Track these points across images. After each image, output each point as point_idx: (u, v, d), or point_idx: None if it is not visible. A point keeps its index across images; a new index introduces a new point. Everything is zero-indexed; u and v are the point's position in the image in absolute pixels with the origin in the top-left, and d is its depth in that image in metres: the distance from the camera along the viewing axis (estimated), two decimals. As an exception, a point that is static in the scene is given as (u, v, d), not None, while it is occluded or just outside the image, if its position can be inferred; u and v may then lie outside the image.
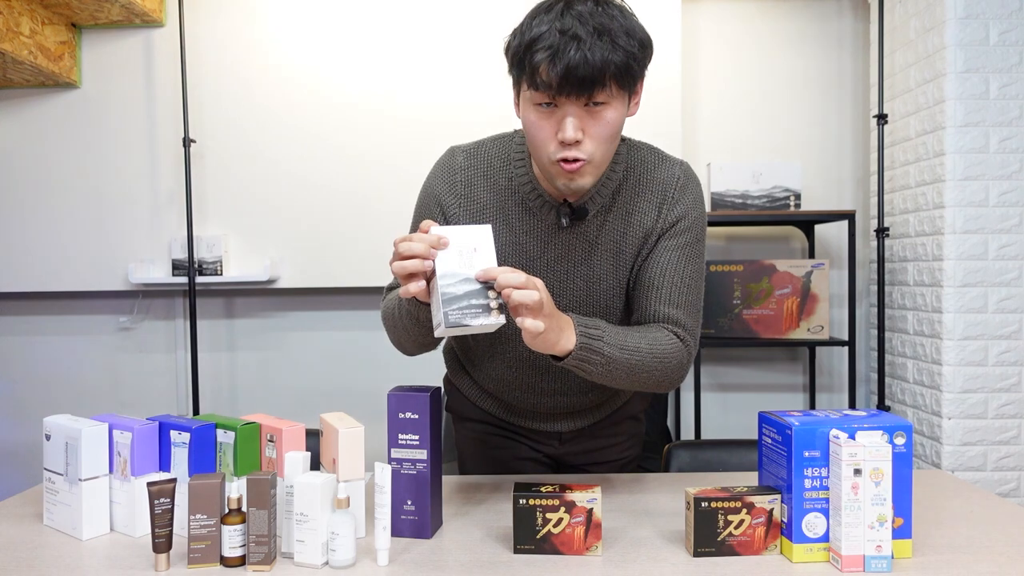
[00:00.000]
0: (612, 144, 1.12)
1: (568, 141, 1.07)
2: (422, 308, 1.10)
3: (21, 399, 2.88)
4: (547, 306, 1.01)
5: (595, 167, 1.12)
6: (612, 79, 1.04)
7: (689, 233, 1.23)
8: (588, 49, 1.02)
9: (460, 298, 0.99)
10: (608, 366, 1.11)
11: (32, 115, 2.74)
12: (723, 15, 2.85)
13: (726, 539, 1.02)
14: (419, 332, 1.17)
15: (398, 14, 2.68)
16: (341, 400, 2.85)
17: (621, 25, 1.05)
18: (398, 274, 1.01)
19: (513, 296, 0.98)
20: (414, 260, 1.00)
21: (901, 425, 1.00)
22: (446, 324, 0.97)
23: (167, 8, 2.70)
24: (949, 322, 2.39)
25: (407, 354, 1.28)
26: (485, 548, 1.07)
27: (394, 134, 2.69)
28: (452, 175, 1.26)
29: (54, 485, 1.17)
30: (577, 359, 1.08)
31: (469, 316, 0.98)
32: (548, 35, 1.04)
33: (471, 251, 1.01)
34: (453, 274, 1.00)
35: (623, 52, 1.04)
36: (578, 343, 1.07)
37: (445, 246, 1.01)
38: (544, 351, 1.06)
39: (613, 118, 1.09)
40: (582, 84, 1.03)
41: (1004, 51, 2.37)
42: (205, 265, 2.68)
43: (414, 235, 1.01)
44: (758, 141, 2.86)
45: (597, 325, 1.11)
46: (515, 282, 0.98)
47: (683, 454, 1.58)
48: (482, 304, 0.99)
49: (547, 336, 1.03)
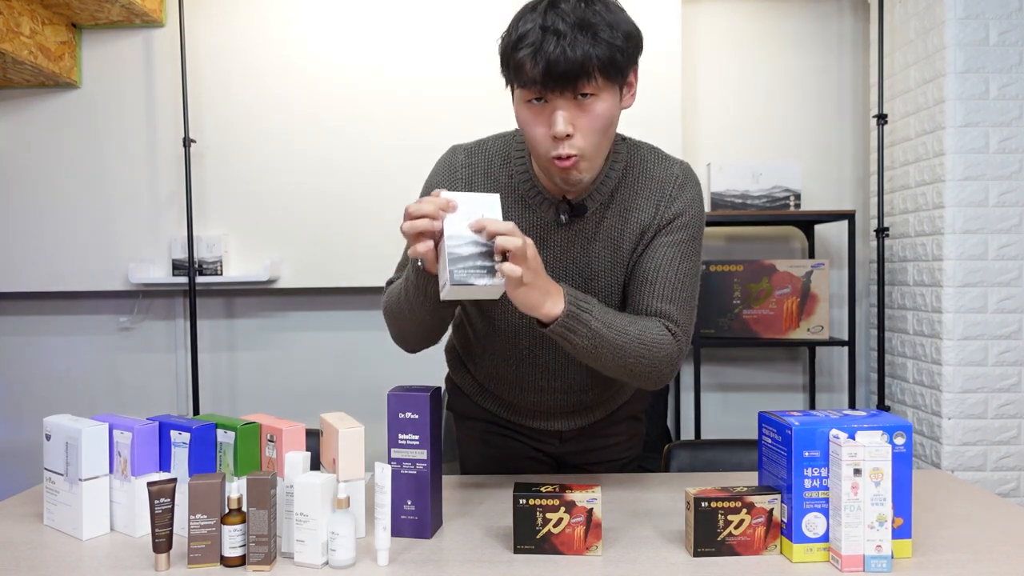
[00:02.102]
0: (605, 136, 1.13)
1: (559, 135, 1.08)
2: (431, 280, 1.11)
3: (21, 399, 2.88)
4: (532, 260, 1.03)
5: (589, 161, 1.13)
6: (598, 72, 1.06)
7: (686, 231, 1.23)
8: (568, 44, 1.03)
9: (465, 259, 1.01)
10: (593, 340, 1.11)
11: (32, 115, 2.74)
12: (723, 15, 2.85)
13: (726, 539, 1.02)
14: (425, 310, 1.16)
15: (398, 13, 2.68)
16: (341, 400, 2.85)
17: (604, 19, 1.06)
18: (407, 233, 1.03)
19: (498, 240, 1.00)
20: (423, 220, 1.02)
21: (901, 425, 1.00)
22: (451, 282, 0.99)
23: (167, 8, 2.70)
24: (949, 322, 2.39)
25: (409, 349, 1.28)
26: (485, 548, 1.07)
27: (394, 134, 2.69)
28: (453, 173, 1.27)
29: (54, 485, 1.17)
30: (563, 327, 1.08)
31: (474, 276, 1.00)
32: (531, 33, 1.06)
33: (479, 217, 1.04)
34: (460, 236, 1.02)
35: (606, 45, 1.05)
36: (565, 310, 1.08)
37: (454, 209, 1.03)
38: (528, 310, 1.07)
39: (603, 110, 1.09)
40: (565, 78, 1.05)
41: (1004, 51, 2.37)
42: (205, 265, 2.68)
43: (425, 198, 1.03)
44: (758, 141, 2.86)
45: (587, 299, 1.12)
46: (502, 228, 1.01)
47: (683, 454, 1.58)
48: (487, 266, 1.01)
49: (530, 292, 1.04)
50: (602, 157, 1.16)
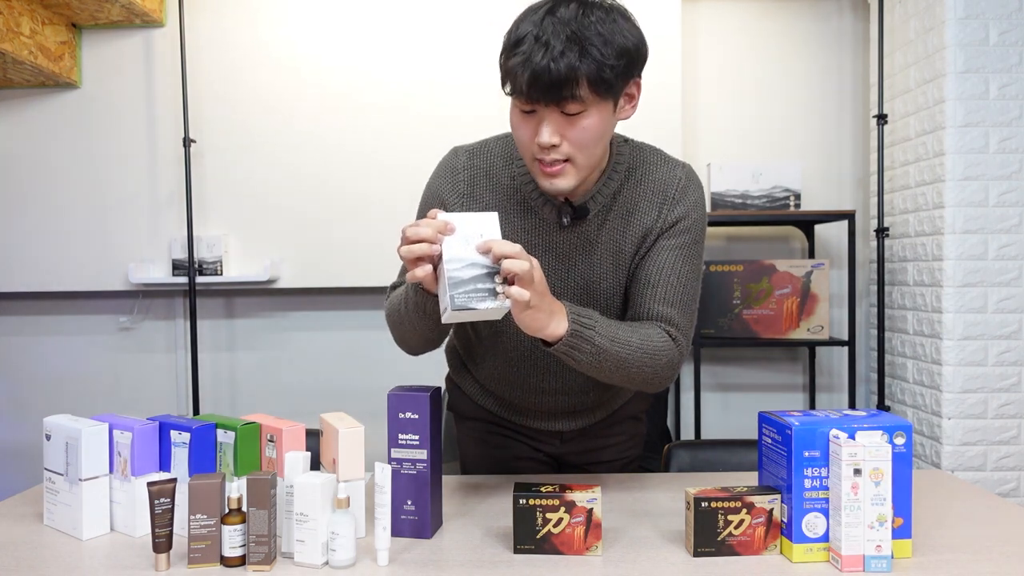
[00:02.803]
0: (595, 148, 1.12)
1: (544, 145, 1.08)
2: (429, 299, 1.10)
3: (21, 399, 2.88)
4: (539, 283, 1.02)
5: (578, 168, 1.12)
6: (586, 87, 1.04)
7: (688, 234, 1.23)
8: (553, 58, 1.02)
9: (466, 282, 1.00)
10: (598, 356, 1.11)
11: (32, 115, 2.74)
12: (723, 15, 2.85)
13: (726, 539, 1.02)
14: (425, 325, 1.17)
15: (399, 13, 2.68)
16: (341, 400, 2.85)
17: (599, 33, 1.04)
18: (405, 258, 1.02)
19: (504, 264, 0.99)
20: (421, 244, 1.01)
21: (901, 425, 1.00)
22: (452, 307, 0.98)
23: (167, 8, 2.70)
24: (949, 322, 2.39)
25: (411, 353, 1.28)
26: (485, 548, 1.07)
27: (394, 134, 2.69)
28: (455, 175, 1.26)
29: (54, 485, 1.17)
30: (567, 346, 1.08)
31: (475, 299, 0.99)
32: (526, 39, 1.05)
33: (477, 237, 1.03)
34: (459, 259, 1.01)
35: (593, 61, 1.03)
36: (569, 329, 1.07)
37: (452, 232, 1.02)
38: (533, 332, 1.06)
39: (591, 124, 1.08)
40: (549, 91, 1.04)
41: (1004, 51, 2.37)
42: (205, 265, 2.68)
43: (421, 220, 1.03)
44: (758, 141, 2.86)
45: (590, 315, 1.11)
46: (509, 251, 1.00)
47: (683, 454, 1.58)
48: (488, 288, 1.00)
49: (536, 315, 1.04)
50: (591, 166, 1.15)
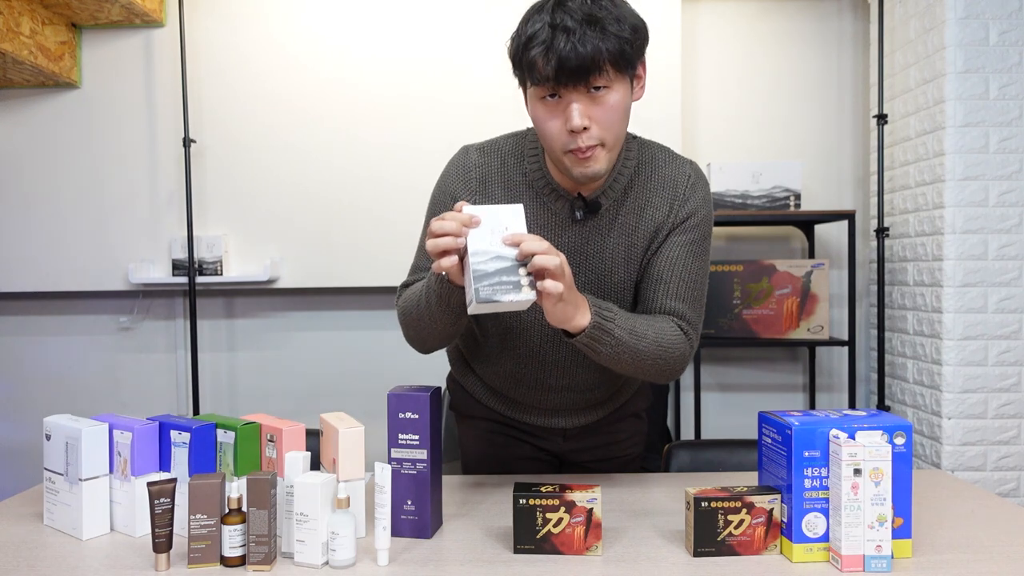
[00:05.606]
0: (621, 126, 1.15)
1: (576, 129, 1.10)
2: (455, 290, 1.11)
3: (21, 399, 2.88)
4: (568, 277, 1.05)
5: (608, 150, 1.15)
6: (608, 64, 1.08)
7: (698, 230, 1.26)
8: (578, 39, 1.06)
9: (491, 275, 1.01)
10: (616, 348, 1.14)
11: (32, 115, 2.74)
12: (723, 15, 2.85)
13: (726, 539, 1.02)
14: (447, 319, 1.17)
15: (400, 12, 2.68)
16: (341, 400, 2.85)
17: (610, 13, 1.09)
18: (432, 251, 1.04)
19: (536, 260, 1.01)
20: (447, 237, 1.02)
21: (901, 425, 1.00)
22: (477, 300, 1.00)
23: (167, 8, 2.70)
24: (949, 322, 2.39)
25: (423, 350, 1.29)
26: (485, 548, 1.07)
27: (395, 134, 2.69)
28: (466, 172, 1.27)
29: (54, 485, 1.17)
30: (589, 337, 1.11)
31: (500, 292, 1.00)
32: (541, 31, 1.08)
33: (503, 230, 1.04)
34: (485, 251, 1.02)
35: (614, 38, 1.07)
36: (592, 322, 1.10)
37: (477, 224, 1.04)
38: (561, 323, 1.09)
39: (616, 101, 1.12)
40: (577, 73, 1.07)
41: (1004, 51, 2.37)
42: (205, 265, 2.68)
43: (447, 213, 1.04)
44: (758, 141, 2.86)
45: (610, 307, 1.14)
46: (538, 248, 1.01)
47: (683, 454, 1.58)
48: (512, 281, 1.01)
49: (565, 307, 1.07)
50: (619, 147, 1.18)
